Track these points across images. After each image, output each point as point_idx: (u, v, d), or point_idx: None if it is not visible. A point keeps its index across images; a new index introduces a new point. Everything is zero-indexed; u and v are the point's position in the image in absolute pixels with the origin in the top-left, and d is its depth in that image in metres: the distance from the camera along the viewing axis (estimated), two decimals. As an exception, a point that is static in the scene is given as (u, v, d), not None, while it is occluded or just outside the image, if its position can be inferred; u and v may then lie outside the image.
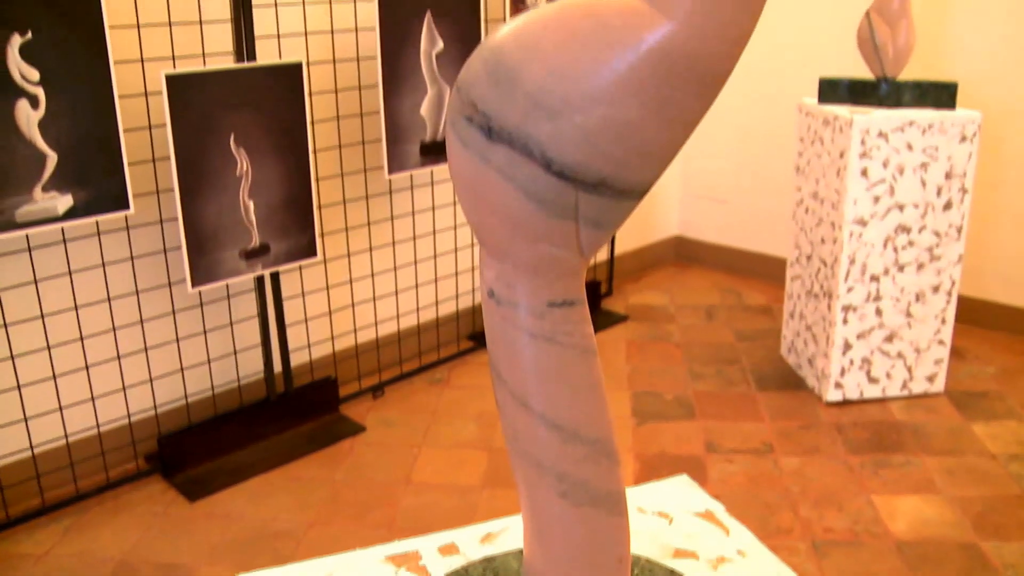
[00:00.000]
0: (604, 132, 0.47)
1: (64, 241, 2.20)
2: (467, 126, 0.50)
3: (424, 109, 2.65)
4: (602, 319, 3.42)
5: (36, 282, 2.18)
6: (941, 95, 2.65)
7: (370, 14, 2.60)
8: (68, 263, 2.22)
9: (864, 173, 2.58)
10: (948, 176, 2.63)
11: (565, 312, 0.59)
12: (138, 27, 2.21)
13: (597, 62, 0.46)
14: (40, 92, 1.97)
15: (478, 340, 3.23)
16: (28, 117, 1.96)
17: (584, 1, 0.48)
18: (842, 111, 2.63)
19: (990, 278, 3.31)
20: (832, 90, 2.75)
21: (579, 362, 0.62)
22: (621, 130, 0.48)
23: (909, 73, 3.03)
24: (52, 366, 2.25)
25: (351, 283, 2.84)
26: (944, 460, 2.44)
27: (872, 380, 2.77)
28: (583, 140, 0.47)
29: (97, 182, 2.07)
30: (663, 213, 4.07)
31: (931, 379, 2.80)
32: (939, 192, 2.64)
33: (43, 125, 1.98)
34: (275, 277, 2.54)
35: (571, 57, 0.47)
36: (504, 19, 2.88)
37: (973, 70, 3.18)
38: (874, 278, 2.67)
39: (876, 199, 2.61)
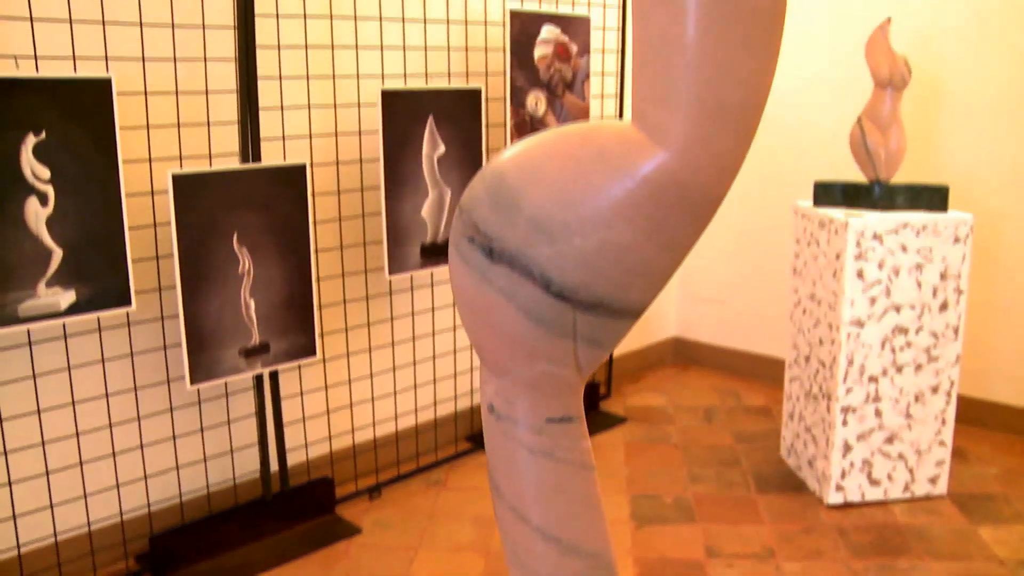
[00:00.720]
0: (602, 255, 0.49)
1: (65, 336, 2.21)
2: (469, 247, 0.52)
3: (425, 211, 2.70)
4: (601, 421, 3.40)
5: (35, 377, 2.18)
6: (933, 198, 2.69)
7: (374, 118, 2.66)
8: (68, 358, 2.23)
9: (860, 275, 2.61)
10: (943, 277, 2.66)
11: (563, 428, 0.60)
12: (147, 128, 2.26)
13: (595, 188, 0.48)
14: (50, 190, 2.00)
15: (476, 441, 3.21)
16: (37, 214, 1.99)
17: (582, 129, 0.50)
18: (837, 214, 2.67)
19: (990, 378, 3.31)
20: (827, 193, 2.80)
21: (577, 477, 0.62)
22: (618, 253, 0.49)
23: (902, 176, 3.09)
24: (46, 462, 2.23)
25: (350, 383, 2.83)
26: (951, 565, 2.40)
27: (873, 482, 2.74)
28: (582, 262, 0.49)
29: (100, 278, 2.09)
30: (661, 314, 4.09)
31: (933, 481, 2.78)
32: (935, 293, 2.66)
33: (50, 222, 2.01)
34: (274, 376, 2.54)
35: (570, 183, 0.48)
36: (505, 123, 2.95)
37: (964, 173, 3.24)
38: (873, 379, 2.67)
39: (873, 300, 2.63)
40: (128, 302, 2.14)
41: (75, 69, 2.13)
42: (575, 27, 3.06)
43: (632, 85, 0.70)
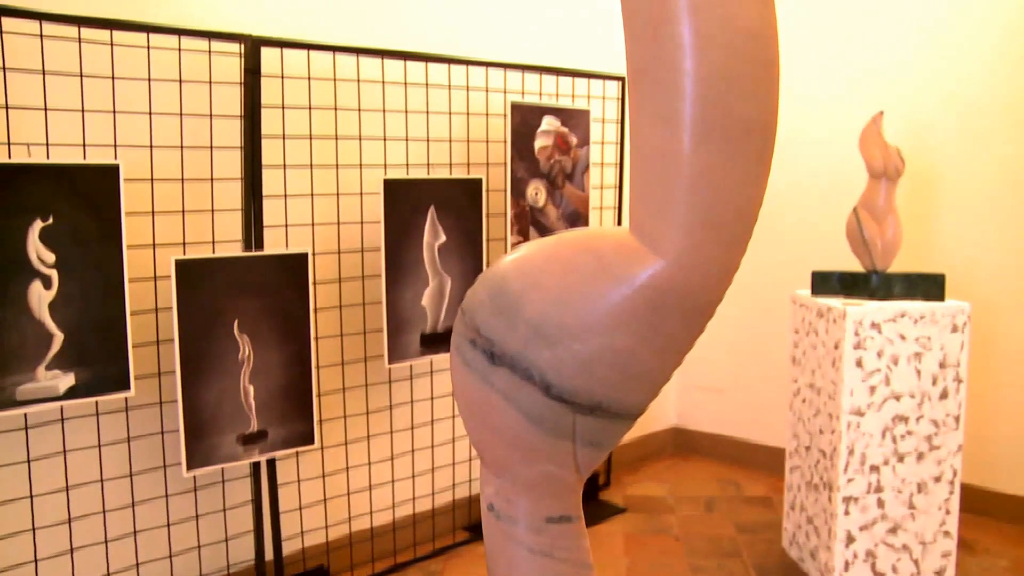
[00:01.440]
0: (600, 359, 0.50)
1: (62, 420, 2.20)
2: (471, 349, 0.53)
3: (425, 300, 2.71)
4: (600, 511, 3.36)
5: (29, 461, 2.16)
6: (930, 287, 2.71)
7: (376, 207, 2.70)
8: (64, 443, 2.21)
9: (859, 363, 2.61)
10: (942, 365, 2.66)
11: (563, 528, 0.60)
12: (153, 214, 2.30)
13: (594, 295, 0.49)
14: (54, 274, 2.02)
15: (474, 531, 3.16)
16: (40, 297, 2.01)
17: (581, 236, 0.51)
18: (835, 303, 2.69)
19: (995, 467, 3.28)
20: (824, 282, 2.82)
21: (576, 578, 0.62)
22: (616, 357, 0.50)
23: (898, 265, 3.12)
24: (35, 549, 2.20)
25: (347, 471, 2.81)
26: (957, 664, 2.34)
27: (878, 574, 2.69)
28: (581, 366, 0.50)
29: (100, 363, 2.10)
30: (661, 403, 4.08)
31: (939, 573, 2.73)
32: (934, 381, 2.66)
33: (53, 305, 2.02)
34: (271, 463, 2.52)
35: (570, 289, 0.49)
36: (505, 213, 2.99)
37: (960, 261, 3.27)
38: (874, 468, 2.65)
39: (872, 389, 2.62)
40: (127, 387, 2.14)
41: (84, 156, 2.17)
42: (575, 119, 3.13)
43: (630, 195, 0.73)
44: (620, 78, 3.36)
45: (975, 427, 3.24)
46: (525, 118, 2.97)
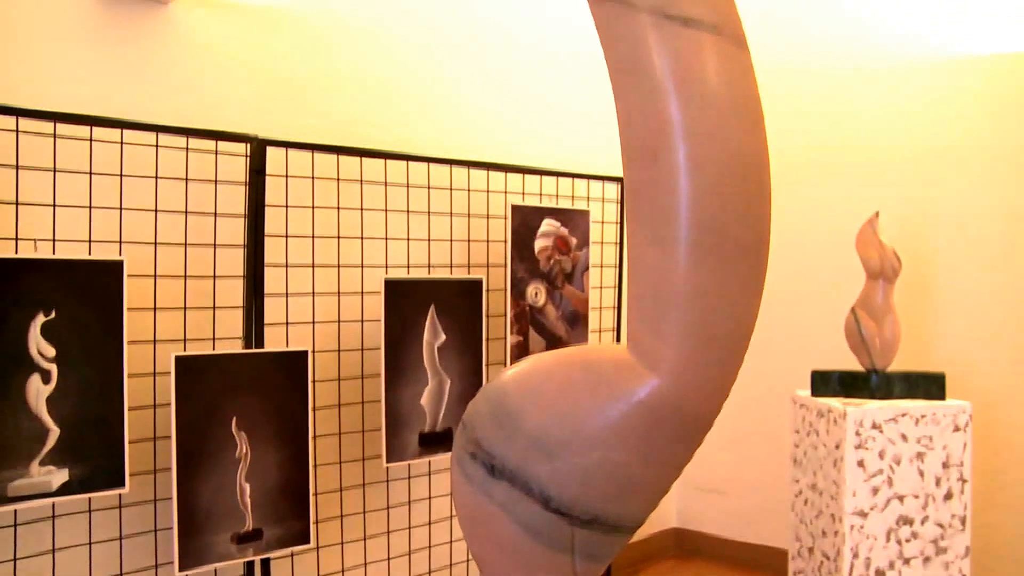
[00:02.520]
0: (598, 473, 0.50)
1: (53, 516, 2.17)
2: (471, 462, 0.53)
3: (424, 399, 2.71)
4: (600, 611, 3.28)
5: (16, 560, 2.12)
6: (931, 386, 2.71)
7: (376, 306, 2.72)
8: (54, 540, 2.18)
9: (861, 464, 2.59)
10: (945, 466, 2.64)
11: (563, 641, 0.59)
12: (154, 310, 2.31)
13: (592, 410, 0.50)
14: (54, 368, 2.02)
15: (471, 632, 3.08)
16: (38, 391, 2.00)
17: (580, 352, 0.52)
18: (835, 403, 2.69)
19: (1005, 570, 3.22)
20: (824, 383, 2.82)
21: None
22: (614, 471, 0.50)
23: (898, 364, 3.12)
24: (22, 656, 2.14)
25: (343, 572, 2.75)
26: None
27: None
28: (579, 479, 0.50)
29: (95, 459, 2.08)
30: (661, 504, 4.00)
31: None
32: (938, 482, 2.63)
33: (51, 400, 2.01)
34: (265, 563, 2.47)
35: (568, 404, 0.50)
36: (505, 314, 3.00)
37: (960, 360, 3.27)
38: (879, 572, 2.60)
39: (875, 490, 2.60)
40: (122, 483, 2.12)
41: (90, 252, 2.20)
42: (575, 220, 3.17)
43: (627, 313, 0.74)
44: (620, 180, 3.42)
45: (983, 528, 3.18)
46: (525, 219, 3.02)
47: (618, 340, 3.54)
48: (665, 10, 0.87)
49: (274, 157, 2.50)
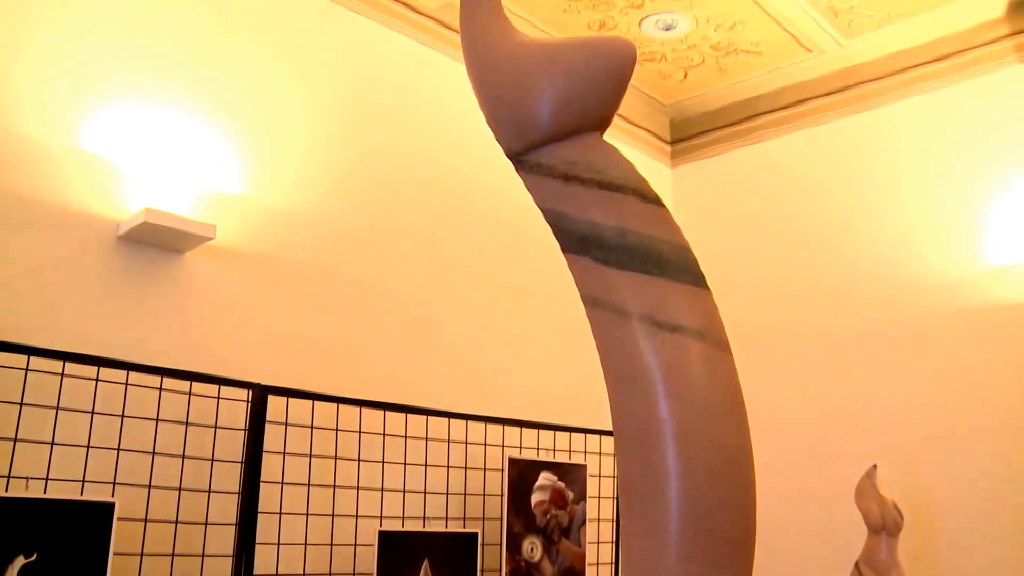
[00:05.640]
0: None
1: None
2: None
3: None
4: None
5: None
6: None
7: (369, 558, 2.62)
8: None
9: None
10: None
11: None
12: (141, 555, 2.23)
13: None
14: (28, 615, 1.93)
15: None
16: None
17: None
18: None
19: None
20: (838, 645, 2.67)
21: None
22: None
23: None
24: None
25: None
26: None
27: None
28: None
29: None
30: None
31: None
32: None
33: (19, 655, 1.90)
34: None
35: None
36: (500, 569, 2.90)
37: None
38: None
39: None
40: None
41: (82, 492, 2.17)
42: (572, 475, 3.15)
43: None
44: (615, 439, 3.42)
45: None
46: (522, 473, 3.00)
47: (619, 607, 3.38)
48: (655, 317, 0.98)
49: (274, 404, 2.53)
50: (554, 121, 1.03)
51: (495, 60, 1.08)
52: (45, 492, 2.10)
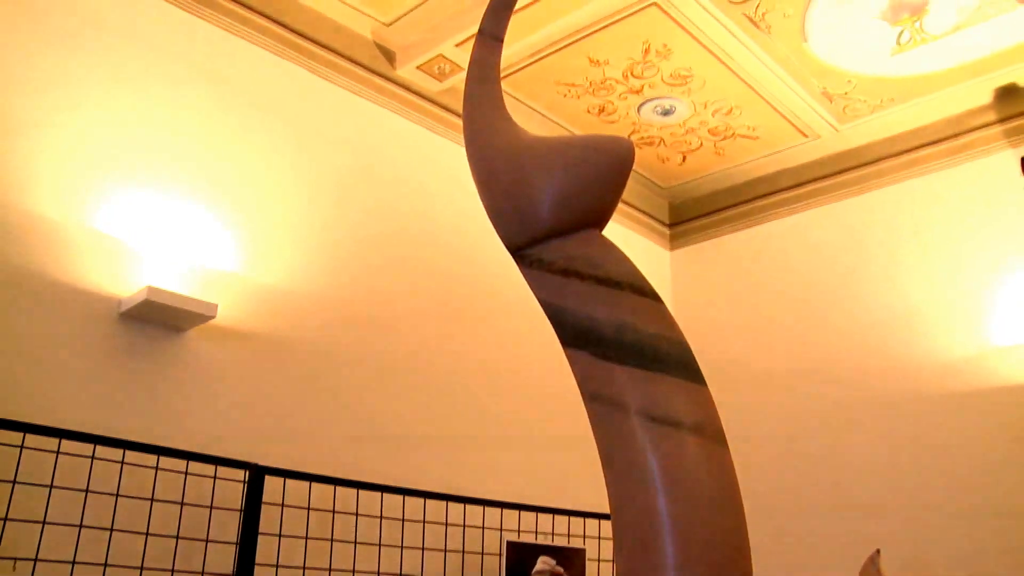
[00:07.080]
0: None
1: None
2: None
3: None
4: None
5: None
6: None
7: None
8: None
9: None
10: None
11: None
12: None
13: None
14: None
15: None
16: None
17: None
18: None
19: None
20: None
21: None
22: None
23: None
24: None
25: None
26: None
27: None
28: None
29: None
30: None
31: None
32: None
33: None
34: None
35: None
36: (498, 655, 2.85)
37: None
38: None
39: None
40: None
41: (72, 573, 2.13)
42: (571, 558, 3.10)
43: None
44: (614, 522, 3.38)
45: None
46: (521, 556, 2.96)
47: None
48: (652, 413, 0.98)
49: (271, 484, 2.51)
50: (554, 217, 1.05)
51: (497, 156, 1.10)
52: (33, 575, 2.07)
